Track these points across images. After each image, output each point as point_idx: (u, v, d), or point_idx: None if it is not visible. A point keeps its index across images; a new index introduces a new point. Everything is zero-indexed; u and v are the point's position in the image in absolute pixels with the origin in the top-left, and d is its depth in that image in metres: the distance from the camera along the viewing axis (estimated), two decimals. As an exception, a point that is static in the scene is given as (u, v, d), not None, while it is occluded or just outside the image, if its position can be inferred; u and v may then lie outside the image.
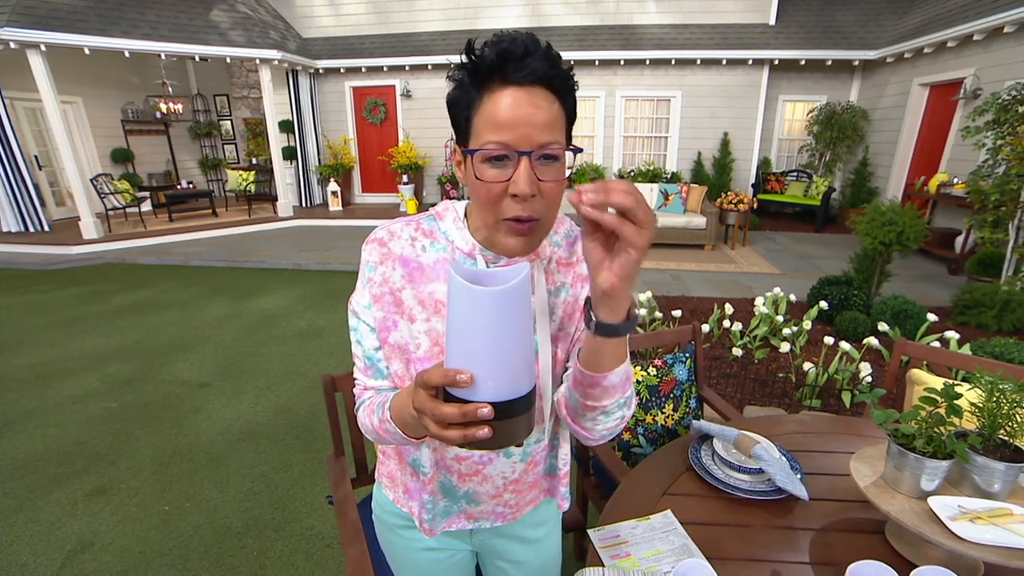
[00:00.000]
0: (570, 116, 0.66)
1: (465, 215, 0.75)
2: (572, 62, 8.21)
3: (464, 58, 0.62)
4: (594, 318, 0.58)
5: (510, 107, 0.59)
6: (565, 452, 0.90)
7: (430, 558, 0.91)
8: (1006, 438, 0.90)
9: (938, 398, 0.89)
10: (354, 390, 0.81)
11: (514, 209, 0.62)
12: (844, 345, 2.82)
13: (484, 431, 0.49)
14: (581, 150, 0.68)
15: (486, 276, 0.54)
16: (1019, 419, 0.88)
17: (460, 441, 0.50)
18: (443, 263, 0.72)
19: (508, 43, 0.59)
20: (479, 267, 0.71)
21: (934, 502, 0.85)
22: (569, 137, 0.67)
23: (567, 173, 0.64)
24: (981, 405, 0.92)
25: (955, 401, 0.88)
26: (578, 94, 0.66)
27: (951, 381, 0.96)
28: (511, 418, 0.51)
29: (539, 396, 0.74)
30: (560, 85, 0.62)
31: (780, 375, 3.07)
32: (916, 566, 0.78)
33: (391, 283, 0.72)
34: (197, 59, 7.65)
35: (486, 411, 0.49)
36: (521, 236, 0.65)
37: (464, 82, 0.63)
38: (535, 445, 0.83)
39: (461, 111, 0.64)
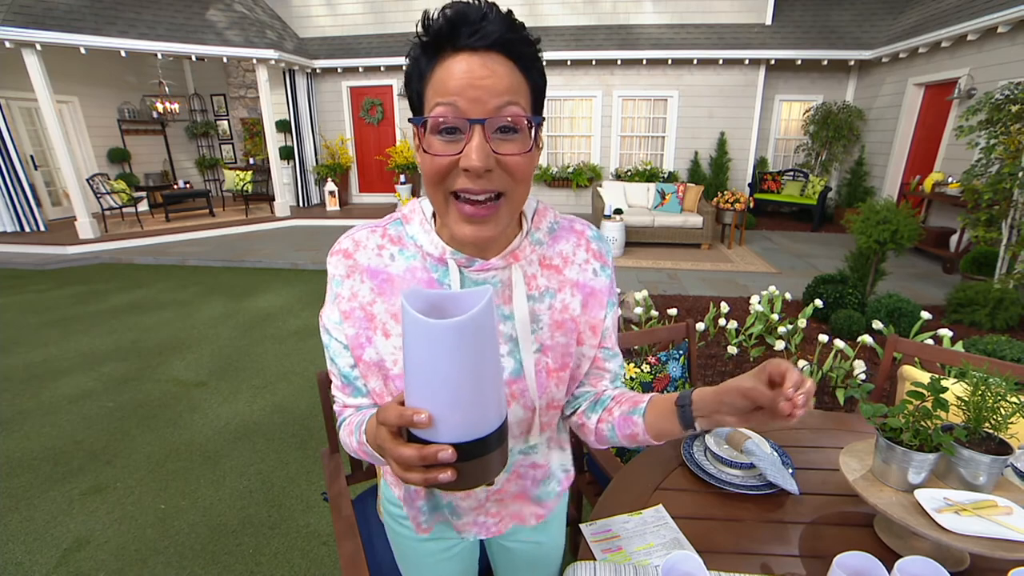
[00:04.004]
0: (535, 91, 0.59)
1: (433, 215, 0.69)
2: (568, 62, 8.06)
3: (419, 28, 0.56)
4: (695, 426, 0.63)
5: (461, 71, 0.53)
6: (562, 460, 0.86)
7: (434, 547, 0.90)
8: (991, 431, 0.92)
9: (925, 392, 0.91)
10: (334, 407, 0.77)
11: (462, 180, 0.56)
12: (839, 343, 2.84)
13: (447, 475, 0.46)
14: (543, 119, 0.60)
15: (448, 300, 0.49)
16: (1004, 412, 0.89)
17: (422, 484, 0.47)
18: (413, 272, 0.67)
19: (462, 6, 0.54)
20: (451, 273, 0.66)
21: (921, 495, 0.87)
22: (538, 112, 0.60)
23: (531, 147, 0.58)
24: (967, 399, 0.93)
25: (941, 395, 0.89)
26: (575, 93, 0.65)
27: (939, 376, 0.97)
28: (478, 458, 0.47)
29: (531, 409, 0.72)
30: (521, 51, 0.56)
31: (775, 373, 3.09)
32: (903, 558, 0.79)
33: (360, 298, 0.67)
34: (194, 59, 7.63)
35: (447, 454, 0.45)
36: (476, 221, 0.58)
37: (417, 54, 0.57)
38: (517, 456, 0.78)
39: (414, 85, 0.59)
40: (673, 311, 3.45)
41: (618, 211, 6.22)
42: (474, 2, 0.54)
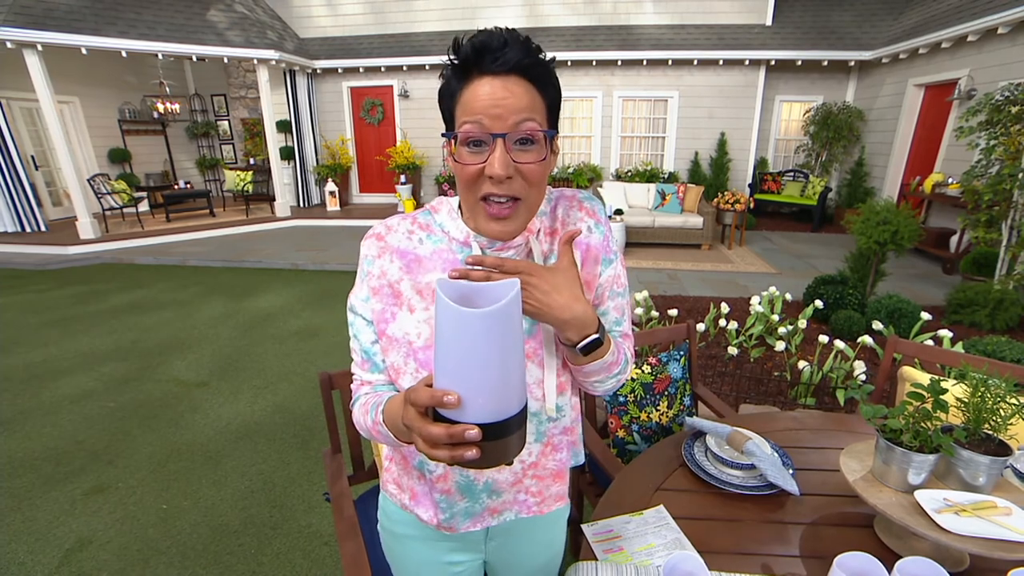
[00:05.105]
0: (551, 105, 0.68)
1: (459, 207, 0.77)
2: (569, 62, 8.11)
3: (450, 54, 0.65)
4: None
5: (485, 93, 0.62)
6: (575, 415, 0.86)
7: (441, 572, 0.88)
8: (991, 432, 0.92)
9: (925, 393, 0.91)
10: (351, 385, 0.82)
11: (489, 186, 0.65)
12: (839, 344, 2.84)
13: (472, 452, 0.49)
14: (557, 132, 0.70)
15: (475, 292, 0.53)
16: (1003, 414, 0.90)
17: (448, 461, 0.51)
18: (440, 254, 0.74)
19: (486, 36, 0.62)
20: (474, 251, 0.73)
21: (920, 495, 0.87)
22: (553, 126, 0.70)
23: (546, 155, 0.67)
24: (967, 400, 0.94)
25: (941, 396, 0.90)
26: (575, 94, 0.69)
27: (939, 377, 0.97)
28: (500, 439, 0.51)
29: (541, 381, 0.76)
30: (536, 73, 0.64)
31: (775, 374, 3.09)
32: (903, 558, 0.79)
33: (389, 276, 0.74)
34: (194, 59, 7.64)
35: (474, 433, 0.49)
36: (500, 219, 0.68)
37: (448, 76, 0.66)
38: (548, 424, 0.79)
39: (445, 103, 0.68)
40: (673, 312, 3.45)
41: (618, 212, 6.22)
42: (496, 31, 0.63)
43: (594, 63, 8.03)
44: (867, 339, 2.88)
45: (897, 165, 7.25)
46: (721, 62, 7.80)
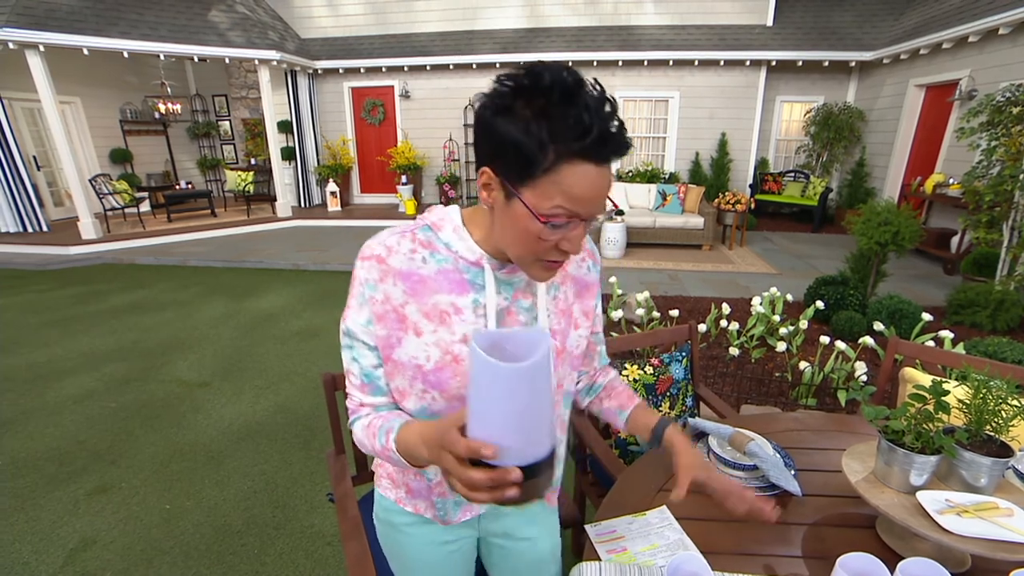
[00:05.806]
0: None
1: (463, 223, 0.74)
2: (569, 63, 8.35)
3: (561, 113, 0.57)
4: (663, 445, 0.88)
5: (592, 187, 0.61)
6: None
7: (439, 552, 0.92)
8: (992, 434, 0.92)
9: (927, 395, 0.92)
10: (347, 403, 0.81)
11: (556, 255, 0.68)
12: (840, 344, 2.85)
13: (512, 492, 0.51)
14: (619, 210, 0.77)
15: (505, 339, 0.55)
16: (1005, 415, 0.90)
17: (489, 502, 0.53)
18: (445, 273, 0.72)
19: (611, 128, 0.58)
20: (486, 274, 0.73)
21: (922, 496, 0.87)
22: None
23: None
24: (968, 402, 0.94)
25: (943, 398, 0.90)
26: None
27: (940, 378, 0.98)
28: (534, 478, 0.53)
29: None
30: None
31: (776, 374, 3.10)
32: (905, 559, 0.79)
33: (393, 300, 0.71)
34: (196, 59, 7.66)
35: (516, 476, 0.51)
36: (554, 270, 0.72)
37: (539, 132, 0.57)
38: None
39: (524, 154, 0.58)
40: (675, 312, 3.46)
41: (619, 212, 6.23)
42: (607, 106, 0.59)
43: (595, 64, 8.03)
44: (868, 340, 2.89)
45: (898, 166, 7.25)
46: (722, 62, 7.80)
